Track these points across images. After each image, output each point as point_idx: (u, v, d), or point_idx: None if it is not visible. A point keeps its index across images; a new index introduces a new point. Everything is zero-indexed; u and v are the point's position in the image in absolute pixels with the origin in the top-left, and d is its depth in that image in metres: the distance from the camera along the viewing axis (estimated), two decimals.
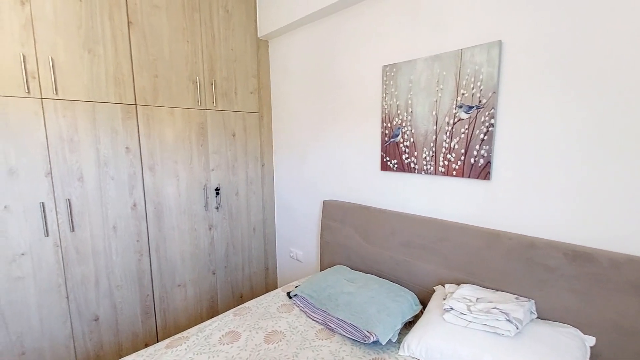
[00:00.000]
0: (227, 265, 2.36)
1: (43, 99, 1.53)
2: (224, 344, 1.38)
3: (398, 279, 1.72)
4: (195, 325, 2.21)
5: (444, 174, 1.55)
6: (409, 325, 1.49)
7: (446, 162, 1.53)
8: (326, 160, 2.16)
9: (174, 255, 2.06)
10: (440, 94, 1.51)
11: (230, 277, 2.38)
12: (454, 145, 1.49)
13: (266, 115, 2.49)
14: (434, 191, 1.62)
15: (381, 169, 1.82)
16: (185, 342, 1.38)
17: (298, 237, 2.48)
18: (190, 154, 2.07)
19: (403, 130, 1.68)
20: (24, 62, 1.47)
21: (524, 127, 1.30)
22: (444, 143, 1.52)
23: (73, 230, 1.66)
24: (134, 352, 1.94)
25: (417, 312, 1.49)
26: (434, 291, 1.57)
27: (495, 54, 1.33)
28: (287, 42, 2.32)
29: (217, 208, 2.25)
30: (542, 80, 1.24)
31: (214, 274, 2.29)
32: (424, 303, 1.60)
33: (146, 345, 1.99)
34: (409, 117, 1.65)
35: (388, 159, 1.77)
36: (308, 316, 1.58)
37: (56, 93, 1.56)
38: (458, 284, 1.48)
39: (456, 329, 1.22)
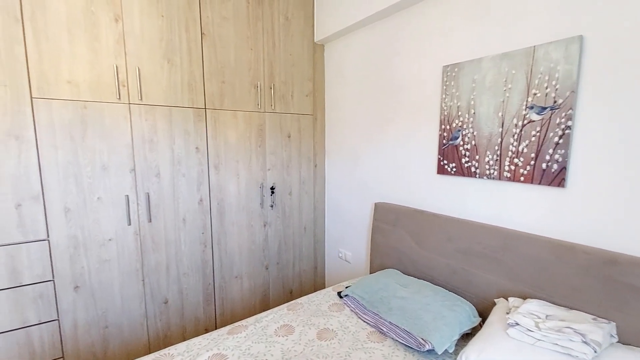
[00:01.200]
0: (279, 262, 2.46)
1: (130, 104, 1.74)
2: (279, 336, 1.44)
3: (454, 287, 1.65)
4: (249, 315, 2.34)
5: (509, 179, 1.46)
6: (466, 337, 1.43)
7: (512, 167, 1.44)
8: (378, 163, 2.15)
9: (233, 248, 2.20)
10: (508, 94, 1.43)
11: (281, 273, 2.48)
12: (523, 149, 1.39)
13: (319, 118, 2.55)
14: (497, 197, 1.53)
15: (438, 173, 1.77)
16: (244, 331, 1.48)
17: (347, 238, 2.50)
18: (250, 154, 2.20)
19: (463, 132, 1.62)
20: (117, 72, 1.69)
21: (607, 130, 1.18)
22: (511, 146, 1.43)
23: (150, 221, 1.87)
24: (195, 335, 2.11)
25: (476, 324, 1.42)
26: (494, 304, 1.48)
27: (575, 50, 1.22)
28: (342, 46, 2.35)
29: (271, 206, 2.36)
30: (631, 78, 1.11)
31: (267, 269, 2.40)
32: (482, 315, 1.52)
33: (206, 330, 2.16)
34: (471, 119, 1.58)
35: (445, 162, 1.72)
36: (359, 317, 1.59)
37: (141, 99, 1.77)
38: (523, 298, 1.38)
39: (522, 346, 1.14)
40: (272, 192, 2.35)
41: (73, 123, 1.61)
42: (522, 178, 1.41)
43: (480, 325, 1.46)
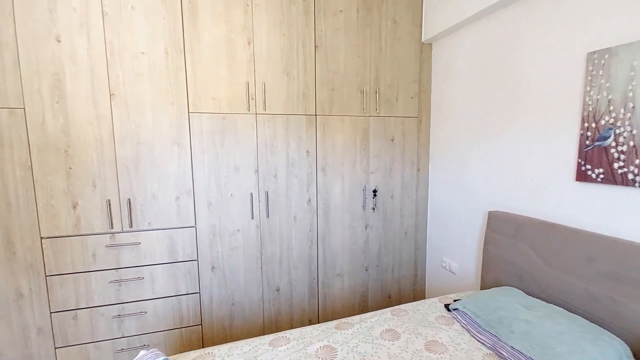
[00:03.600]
0: (379, 265, 2.47)
1: (257, 114, 2.01)
2: (385, 339, 1.45)
3: (595, 318, 1.38)
4: (349, 313, 2.42)
5: None
6: None
7: None
8: (491, 166, 1.95)
9: (336, 247, 2.31)
10: None
11: (380, 277, 2.48)
12: None
13: (425, 120, 2.46)
14: None
15: (577, 179, 1.50)
16: (350, 328, 1.54)
17: (452, 247, 2.34)
18: (354, 157, 2.28)
19: (617, 131, 1.34)
20: (248, 87, 1.97)
21: None
22: None
23: (268, 217, 2.11)
24: (301, 324, 2.29)
25: None
26: None
27: None
28: (451, 43, 2.22)
29: (373, 209, 2.39)
30: None
31: (367, 270, 2.43)
32: (638, 357, 1.23)
33: (310, 321, 2.32)
34: (628, 115, 1.30)
35: (589, 167, 1.45)
36: (472, 335, 1.47)
37: (265, 109, 2.02)
38: None
39: None
40: (375, 195, 2.37)
41: (215, 132, 1.94)
42: None
43: None
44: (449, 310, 1.68)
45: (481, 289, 1.96)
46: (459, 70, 2.18)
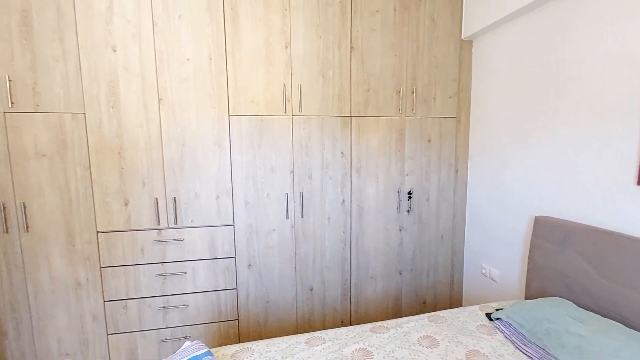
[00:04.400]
0: (413, 269, 2.41)
1: (293, 116, 2.05)
2: (422, 346, 1.42)
3: None
4: (382, 317, 2.39)
5: None
6: None
7: None
8: (535, 168, 1.84)
9: (369, 249, 2.30)
10: None
11: (415, 281, 2.43)
12: None
13: (463, 120, 2.37)
14: None
15: (638, 183, 1.38)
16: (386, 332, 1.52)
17: (492, 253, 2.24)
18: (389, 158, 2.25)
19: None
20: (285, 90, 2.01)
21: None
22: None
23: (302, 217, 2.14)
24: (333, 326, 2.30)
25: None
26: None
27: None
28: (492, 41, 2.12)
29: (408, 211, 2.34)
30: None
31: (400, 274, 2.39)
32: None
33: (342, 323, 2.32)
34: None
35: None
36: (516, 347, 1.40)
37: (300, 111, 2.05)
38: None
39: None
40: (409, 197, 2.33)
41: (253, 134, 2.00)
42: None
43: None
44: (490, 319, 1.61)
45: (525, 299, 1.85)
46: (500, 67, 2.08)
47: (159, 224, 1.93)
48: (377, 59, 2.13)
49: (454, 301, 2.55)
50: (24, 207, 1.76)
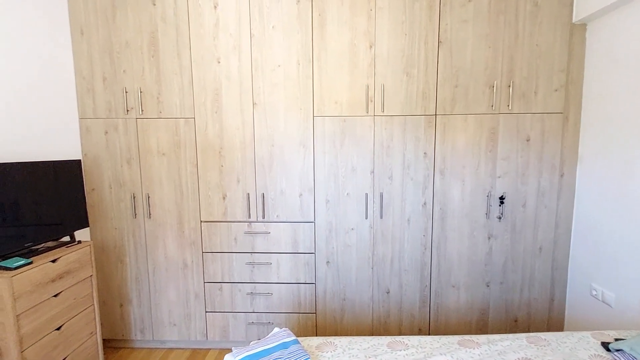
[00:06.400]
0: (503, 282, 2.18)
1: (375, 116, 2.04)
2: None
3: None
4: (464, 330, 2.22)
5: None
6: None
7: None
8: None
9: (451, 256, 2.16)
10: None
11: (505, 295, 2.19)
12: None
13: (573, 116, 2.06)
14: None
15: None
16: (477, 348, 1.41)
17: (607, 273, 1.89)
18: (478, 159, 2.08)
19: None
20: (367, 90, 2.02)
21: None
22: None
23: (381, 218, 2.12)
24: (410, 332, 2.22)
25: None
26: None
27: None
28: (616, 22, 1.78)
29: (499, 218, 2.13)
30: None
31: (488, 286, 2.18)
32: None
33: (420, 331, 2.23)
34: None
35: None
36: None
37: (382, 111, 2.03)
38: None
39: None
40: (501, 203, 2.11)
41: (335, 134, 2.06)
42: None
43: None
44: (608, 349, 1.37)
45: None
46: (623, 55, 1.74)
47: (250, 217, 2.13)
48: (468, 52, 1.99)
49: (553, 323, 2.23)
50: (148, 197, 2.12)
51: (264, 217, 2.12)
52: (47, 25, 1.90)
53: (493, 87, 2.01)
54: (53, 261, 1.54)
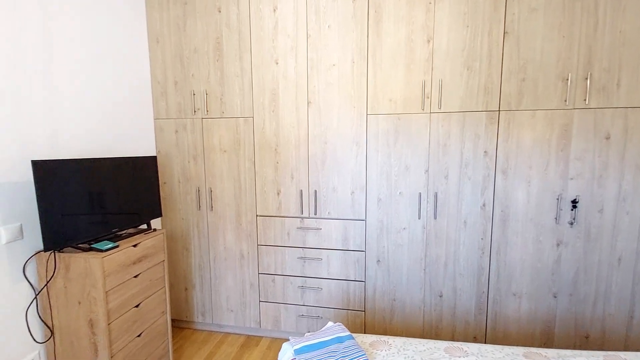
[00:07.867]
0: (573, 294, 1.99)
1: (431, 114, 1.98)
2: None
3: None
4: (524, 342, 2.08)
5: None
6: None
7: None
8: None
9: (513, 262, 2.02)
10: None
11: (575, 308, 2.00)
12: None
13: None
14: None
15: None
16: None
17: None
18: (547, 159, 1.91)
19: None
20: (424, 86, 1.96)
21: None
22: None
23: (435, 218, 2.05)
24: (464, 339, 2.12)
25: None
26: None
27: None
28: None
29: (570, 223, 1.94)
30: None
31: (555, 297, 2.01)
32: None
33: (475, 339, 2.12)
34: None
35: None
36: None
37: (439, 108, 1.97)
38: None
39: None
40: (574, 207, 1.92)
41: (389, 132, 2.04)
42: None
43: None
44: None
45: None
46: None
47: (302, 213, 2.19)
48: (538, 43, 1.84)
49: (631, 343, 1.98)
50: (211, 191, 2.29)
51: (315, 214, 2.18)
52: (129, 38, 2.14)
53: (567, 80, 1.84)
54: (134, 246, 1.73)
